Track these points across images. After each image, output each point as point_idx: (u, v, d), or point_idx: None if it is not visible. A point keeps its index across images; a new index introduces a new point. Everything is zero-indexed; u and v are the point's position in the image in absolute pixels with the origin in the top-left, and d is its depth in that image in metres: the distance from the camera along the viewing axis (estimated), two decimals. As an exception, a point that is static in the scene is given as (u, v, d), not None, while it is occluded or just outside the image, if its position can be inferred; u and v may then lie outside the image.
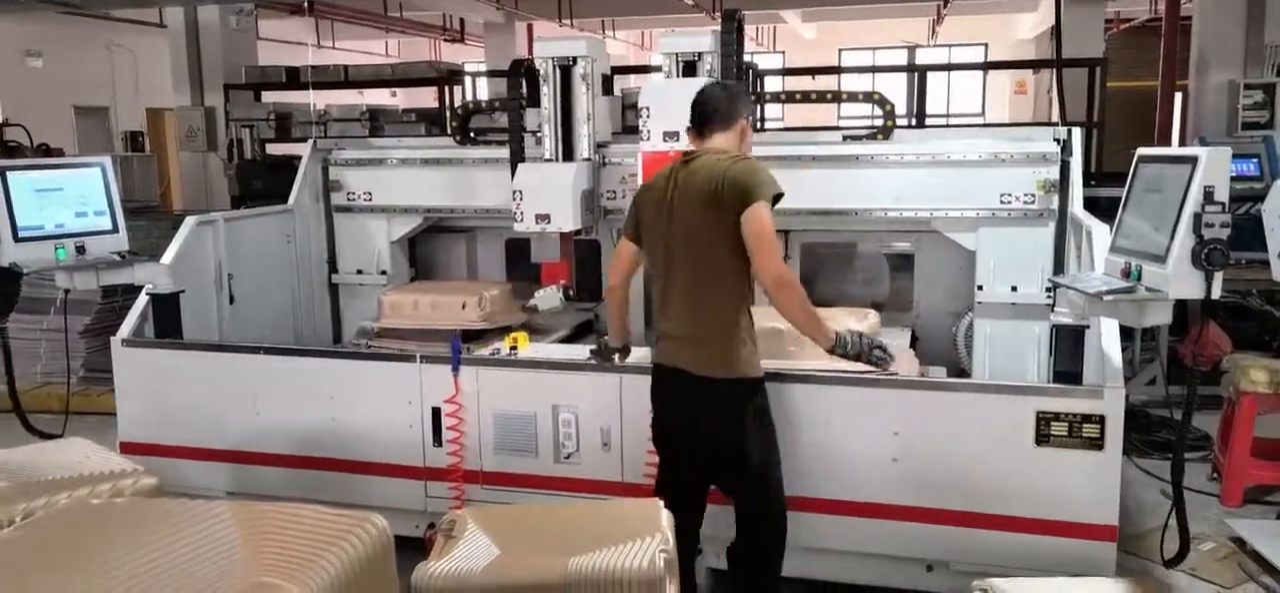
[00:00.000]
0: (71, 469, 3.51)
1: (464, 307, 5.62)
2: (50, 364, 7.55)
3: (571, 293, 5.31)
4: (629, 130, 5.76)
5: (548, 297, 5.20)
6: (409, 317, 5.66)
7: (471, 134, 6.23)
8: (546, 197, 5.21)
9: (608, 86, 5.71)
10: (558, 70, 5.36)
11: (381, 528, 2.46)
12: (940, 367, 5.14)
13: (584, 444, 4.38)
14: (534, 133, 5.53)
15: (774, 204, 3.51)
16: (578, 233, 5.38)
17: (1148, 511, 5.07)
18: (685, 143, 4.06)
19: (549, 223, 5.19)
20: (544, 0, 16.60)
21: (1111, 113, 8.92)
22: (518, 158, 5.52)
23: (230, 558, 2.30)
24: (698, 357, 3.62)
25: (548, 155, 5.44)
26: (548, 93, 5.37)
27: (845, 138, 5.43)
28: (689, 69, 5.18)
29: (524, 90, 5.54)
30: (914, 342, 5.39)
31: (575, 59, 5.34)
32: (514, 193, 5.27)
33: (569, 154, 5.43)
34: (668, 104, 4.88)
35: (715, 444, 3.69)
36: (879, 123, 5.37)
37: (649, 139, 4.97)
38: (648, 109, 4.97)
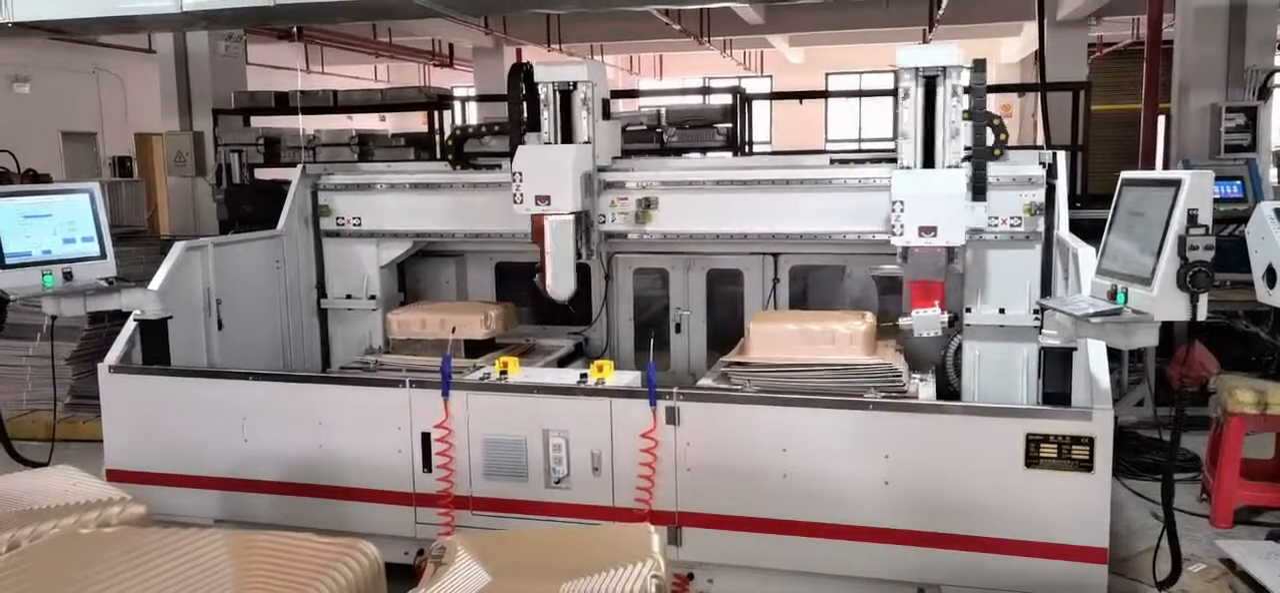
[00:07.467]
0: (58, 498, 3.46)
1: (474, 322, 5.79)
2: (36, 391, 7.49)
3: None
4: (627, 153, 5.76)
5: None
6: (418, 333, 5.85)
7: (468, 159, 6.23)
8: (546, 177, 5.18)
9: (607, 112, 5.72)
10: (558, 94, 5.39)
11: (372, 556, 2.45)
12: (930, 378, 5.15)
13: (575, 469, 4.37)
14: None
15: None
16: (579, 214, 5.31)
17: (1138, 532, 5.07)
18: (944, 238, 4.43)
19: (549, 205, 5.16)
20: (533, 25, 16.66)
21: (1095, 136, 8.99)
22: None
23: (222, 587, 2.29)
24: None
25: None
26: (548, 116, 5.39)
27: (832, 161, 5.46)
28: (930, 86, 4.68)
29: (523, 92, 5.49)
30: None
31: (576, 84, 5.36)
32: (514, 174, 5.21)
33: None
34: (920, 197, 4.59)
35: None
36: (876, 147, 5.39)
37: (902, 234, 4.64)
38: (901, 204, 4.64)
